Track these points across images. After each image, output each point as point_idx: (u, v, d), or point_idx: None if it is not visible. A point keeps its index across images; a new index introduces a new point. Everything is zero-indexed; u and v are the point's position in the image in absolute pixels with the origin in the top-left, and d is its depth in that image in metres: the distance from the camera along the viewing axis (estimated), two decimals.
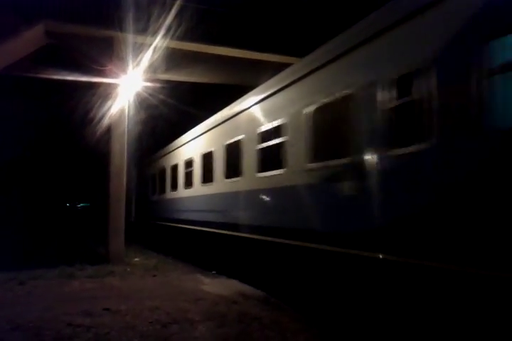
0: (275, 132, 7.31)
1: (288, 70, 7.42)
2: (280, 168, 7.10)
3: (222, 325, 5.45)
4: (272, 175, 7.37)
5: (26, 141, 23.75)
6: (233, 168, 9.10)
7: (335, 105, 5.77)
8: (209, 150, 10.86)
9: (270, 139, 7.51)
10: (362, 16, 5.51)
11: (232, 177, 9.16)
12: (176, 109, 16.39)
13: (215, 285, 8.30)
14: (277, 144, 7.23)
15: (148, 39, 11.23)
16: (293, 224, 6.63)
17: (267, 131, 7.69)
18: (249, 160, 8.32)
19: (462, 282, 3.82)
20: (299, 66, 7.08)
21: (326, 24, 13.17)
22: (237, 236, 8.75)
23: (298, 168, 6.57)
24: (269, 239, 7.39)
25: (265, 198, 7.60)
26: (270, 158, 7.52)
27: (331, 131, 5.97)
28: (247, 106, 8.68)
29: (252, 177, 8.09)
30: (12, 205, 24.99)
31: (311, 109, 6.25)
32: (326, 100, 5.93)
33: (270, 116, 7.59)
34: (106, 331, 5.20)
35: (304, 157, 6.36)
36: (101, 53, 11.58)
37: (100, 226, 14.56)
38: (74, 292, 7.71)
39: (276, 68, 9.02)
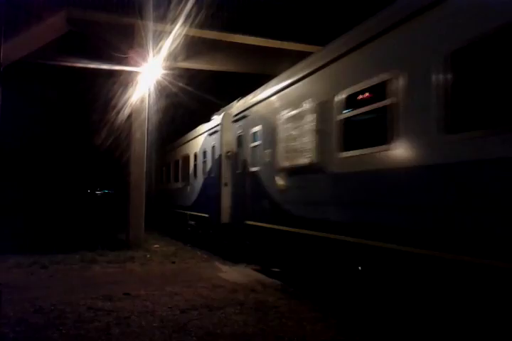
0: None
1: None
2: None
3: (240, 313, 5.49)
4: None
5: (49, 129, 24.15)
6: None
7: None
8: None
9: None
10: (380, 6, 5.34)
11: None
12: (196, 96, 16.40)
13: (233, 273, 8.36)
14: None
15: (168, 27, 11.22)
16: None
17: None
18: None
19: None
20: None
21: (346, 12, 12.94)
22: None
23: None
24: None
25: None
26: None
27: None
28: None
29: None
30: (35, 192, 25.55)
31: None
32: None
33: None
34: (126, 315, 5.30)
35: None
36: (122, 41, 11.62)
37: (121, 212, 14.77)
38: (95, 276, 7.88)
39: (296, 56, 8.92)
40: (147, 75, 11.92)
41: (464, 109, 4.02)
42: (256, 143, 8.67)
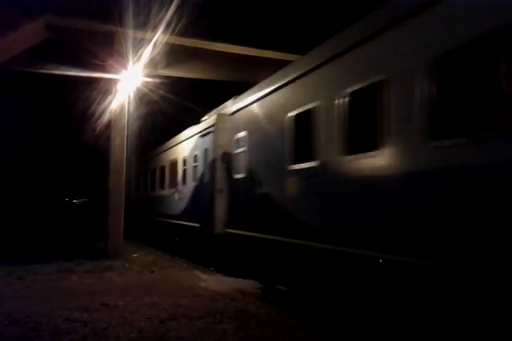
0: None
1: None
2: None
3: (220, 322, 5.46)
4: None
5: (25, 136, 23.73)
6: None
7: None
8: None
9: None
10: (360, 15, 5.47)
11: None
12: (176, 104, 16.36)
13: (212, 282, 8.31)
14: None
15: (149, 34, 11.20)
16: None
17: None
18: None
19: None
20: None
21: (325, 22, 13.14)
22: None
23: None
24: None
25: None
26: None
27: None
28: None
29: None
30: (10, 200, 24.99)
31: None
32: None
33: None
34: (103, 326, 5.21)
35: None
36: (101, 48, 11.54)
37: (99, 221, 14.55)
38: (72, 287, 7.72)
39: (276, 65, 9.00)
40: (127, 83, 11.86)
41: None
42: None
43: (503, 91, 3.56)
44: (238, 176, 8.88)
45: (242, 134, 8.80)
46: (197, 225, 10.99)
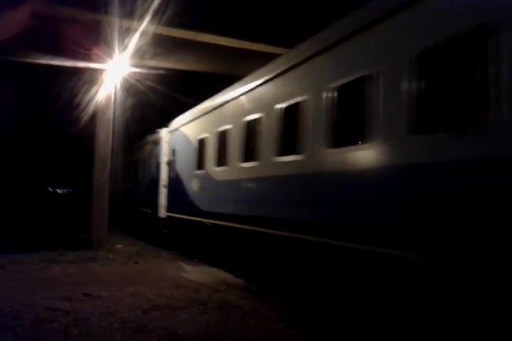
0: None
1: None
2: None
3: (203, 313, 5.49)
4: None
5: (9, 125, 23.33)
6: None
7: None
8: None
9: None
10: (349, 8, 5.48)
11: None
12: (165, 95, 16.22)
13: (196, 273, 8.33)
14: None
15: (135, 24, 11.04)
16: None
17: None
18: None
19: None
20: None
21: (315, 15, 13.11)
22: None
23: None
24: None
25: None
26: None
27: None
28: None
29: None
30: None
31: None
32: None
33: None
34: (85, 316, 5.20)
35: None
36: (87, 37, 11.36)
37: (83, 212, 14.46)
38: (54, 277, 7.68)
39: (265, 58, 8.97)
40: (113, 73, 11.72)
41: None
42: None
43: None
44: (172, 176, 12.73)
45: (174, 147, 12.76)
46: (149, 211, 14.60)
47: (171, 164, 12.98)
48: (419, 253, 4.06)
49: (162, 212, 13.26)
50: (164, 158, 13.36)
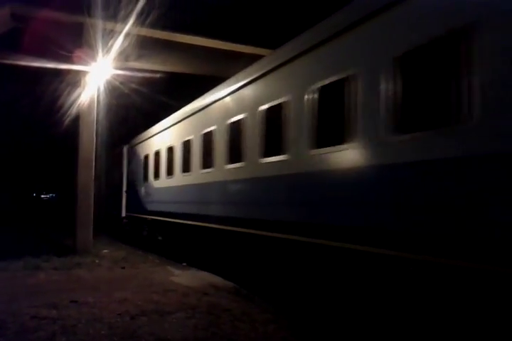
0: None
1: None
2: None
3: (192, 317, 5.43)
4: None
5: None
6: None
7: None
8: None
9: None
10: (332, 9, 5.50)
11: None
12: (149, 97, 16.09)
13: (185, 277, 8.26)
14: None
15: (119, 26, 10.92)
16: None
17: None
18: None
19: None
20: None
21: (299, 16, 13.13)
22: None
23: None
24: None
25: None
26: None
27: None
28: None
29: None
30: None
31: None
32: None
33: None
34: (73, 323, 5.10)
35: None
36: (69, 39, 11.18)
37: (68, 217, 14.27)
38: (39, 284, 7.53)
39: (249, 60, 8.95)
40: (96, 75, 11.57)
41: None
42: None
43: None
44: (129, 183, 16.37)
45: (131, 160, 16.45)
46: (115, 212, 17.76)
47: (128, 174, 16.79)
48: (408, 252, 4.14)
49: (123, 212, 16.77)
50: (124, 168, 17.13)
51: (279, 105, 6.39)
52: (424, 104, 4.11)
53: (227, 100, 8.42)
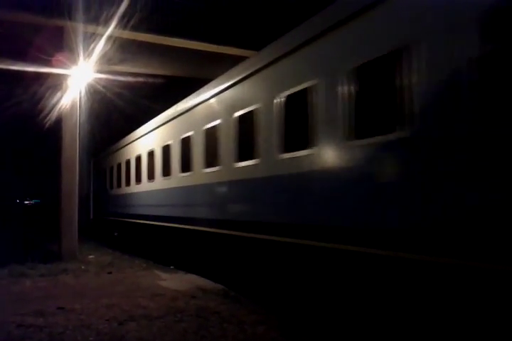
0: None
1: None
2: None
3: (181, 320, 5.42)
4: None
5: None
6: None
7: None
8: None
9: None
10: (316, 10, 5.58)
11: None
12: (131, 100, 15.96)
13: (172, 281, 8.23)
14: None
15: (101, 29, 10.83)
16: None
17: None
18: None
19: None
20: None
21: (281, 18, 13.18)
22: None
23: None
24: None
25: None
26: None
27: None
28: None
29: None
30: None
31: None
32: None
33: None
34: (60, 330, 5.04)
35: None
36: (49, 43, 11.04)
37: (52, 222, 14.09)
38: (25, 291, 7.42)
39: (233, 61, 8.95)
40: (77, 78, 11.44)
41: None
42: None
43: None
44: (95, 191, 20.35)
45: (97, 171, 20.16)
46: (89, 216, 21.25)
47: (94, 183, 20.69)
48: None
49: (91, 215, 21.02)
50: (92, 178, 21.13)
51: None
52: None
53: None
